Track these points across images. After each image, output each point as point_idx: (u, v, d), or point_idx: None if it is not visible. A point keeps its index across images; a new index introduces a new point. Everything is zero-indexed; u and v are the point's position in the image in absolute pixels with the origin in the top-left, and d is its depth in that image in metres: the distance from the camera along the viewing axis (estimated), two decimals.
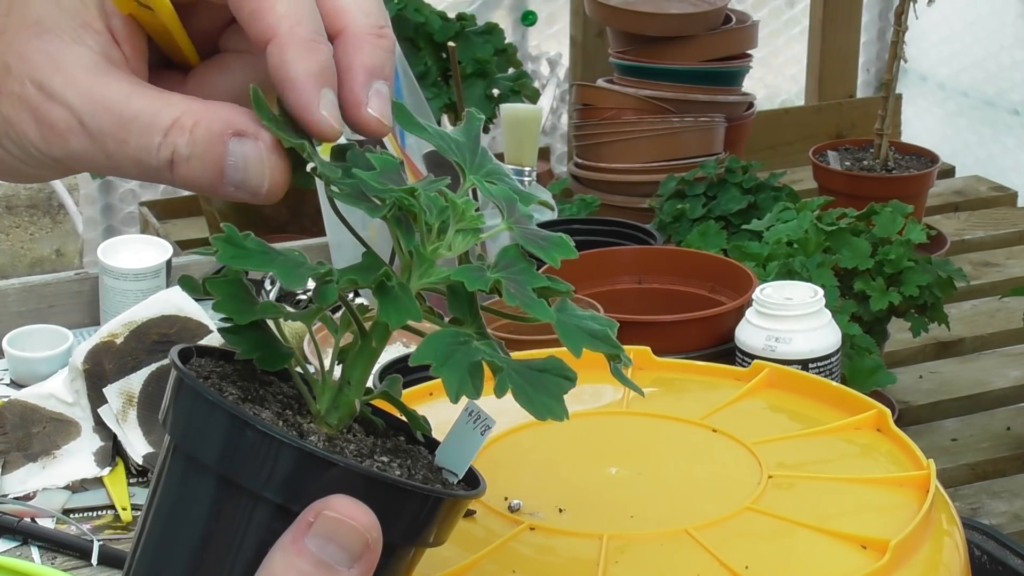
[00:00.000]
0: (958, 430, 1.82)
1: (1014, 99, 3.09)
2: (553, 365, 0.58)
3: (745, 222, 1.99)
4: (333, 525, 0.55)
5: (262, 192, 0.59)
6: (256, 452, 0.55)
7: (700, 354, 1.46)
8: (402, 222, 0.59)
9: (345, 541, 0.55)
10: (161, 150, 0.59)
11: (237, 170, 0.58)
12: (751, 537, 0.74)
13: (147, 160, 0.59)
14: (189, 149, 0.59)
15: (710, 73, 2.45)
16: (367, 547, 0.56)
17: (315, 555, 0.55)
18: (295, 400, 0.61)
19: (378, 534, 0.56)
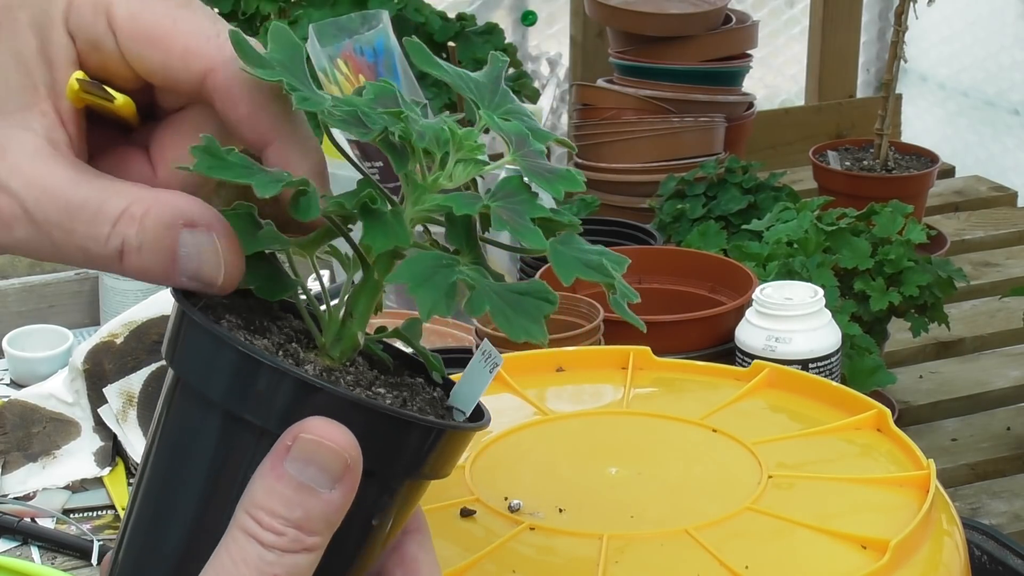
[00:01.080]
0: (958, 430, 1.81)
1: (1014, 99, 3.09)
2: (535, 288, 0.56)
3: (745, 222, 1.99)
4: (311, 447, 0.55)
5: (218, 283, 0.58)
6: (241, 375, 0.55)
7: (700, 354, 1.46)
8: (396, 147, 0.58)
9: (324, 463, 0.55)
10: (110, 240, 0.58)
11: (191, 260, 0.58)
12: (751, 537, 0.74)
13: (95, 250, 0.58)
14: (139, 239, 0.57)
15: (710, 73, 2.45)
16: (347, 467, 0.55)
17: (295, 479, 0.55)
18: (304, 335, 0.60)
19: (357, 454, 0.55)
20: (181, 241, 0.57)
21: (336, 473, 0.55)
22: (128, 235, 0.57)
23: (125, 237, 0.57)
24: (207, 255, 0.57)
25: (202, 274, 0.58)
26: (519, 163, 0.59)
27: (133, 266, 0.58)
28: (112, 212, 0.57)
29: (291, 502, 0.55)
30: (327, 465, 0.55)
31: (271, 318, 0.60)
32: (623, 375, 0.93)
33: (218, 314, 0.58)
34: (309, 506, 0.55)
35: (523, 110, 0.62)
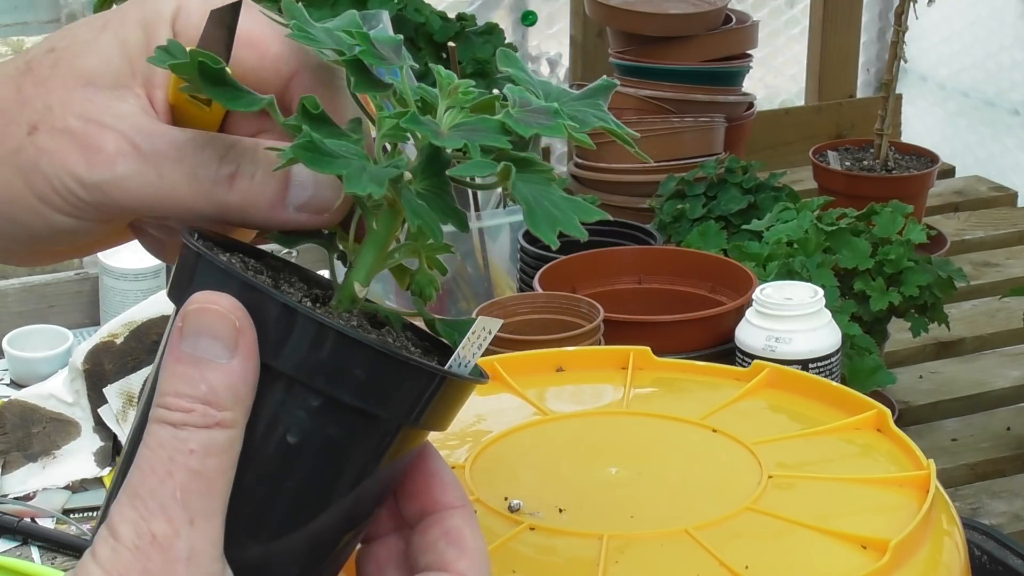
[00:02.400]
0: (958, 430, 1.81)
1: (1014, 99, 3.09)
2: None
3: (745, 222, 1.99)
4: (196, 317, 0.55)
5: (334, 207, 0.58)
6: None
7: (700, 354, 1.46)
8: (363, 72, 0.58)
9: (213, 329, 0.54)
10: (223, 165, 0.59)
11: (304, 188, 0.58)
12: (751, 537, 0.74)
13: (205, 174, 0.59)
14: (254, 165, 0.58)
15: (710, 73, 2.45)
16: (237, 331, 0.54)
17: (191, 355, 0.54)
18: (322, 296, 0.60)
19: (243, 314, 0.54)
20: (295, 171, 0.58)
21: (229, 339, 0.54)
22: (243, 161, 0.58)
23: (240, 162, 0.58)
24: (324, 181, 0.58)
25: (316, 201, 0.58)
26: (515, 115, 0.57)
27: (241, 193, 0.58)
28: (225, 143, 0.59)
29: (192, 379, 0.54)
30: (217, 332, 0.54)
31: (295, 279, 0.60)
32: (623, 375, 0.93)
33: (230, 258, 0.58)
34: (211, 379, 0.54)
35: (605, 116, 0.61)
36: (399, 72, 0.59)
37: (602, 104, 0.61)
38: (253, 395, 0.55)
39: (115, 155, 0.59)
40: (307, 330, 0.55)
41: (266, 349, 0.55)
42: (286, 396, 0.55)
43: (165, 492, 0.54)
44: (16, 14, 3.06)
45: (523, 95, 0.59)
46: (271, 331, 0.55)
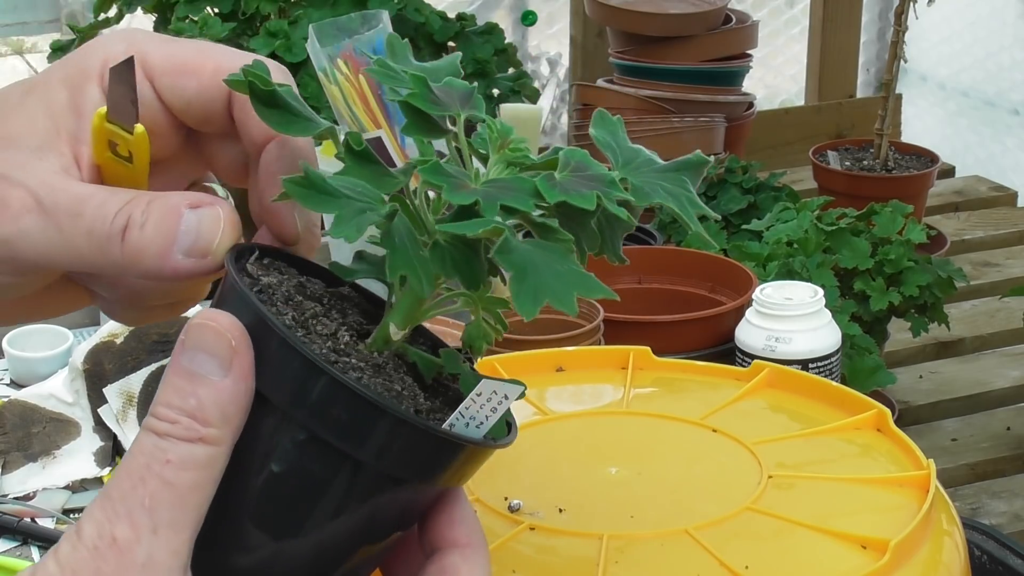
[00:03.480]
0: (958, 430, 1.82)
1: (1014, 99, 3.09)
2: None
3: (745, 222, 1.99)
4: (196, 332, 0.55)
5: (212, 247, 0.59)
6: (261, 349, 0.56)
7: (700, 354, 1.46)
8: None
9: (210, 346, 0.55)
10: (116, 219, 0.59)
11: (188, 234, 0.59)
12: (751, 537, 0.74)
13: (100, 228, 0.59)
14: (144, 216, 0.59)
15: (710, 73, 2.45)
16: (233, 351, 0.55)
17: (186, 368, 0.55)
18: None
19: (242, 335, 0.55)
20: (184, 219, 0.59)
21: (223, 356, 0.55)
22: (134, 213, 0.59)
23: (131, 215, 0.59)
24: (207, 223, 0.59)
25: (197, 246, 0.59)
26: (560, 179, 0.56)
27: (133, 244, 0.59)
28: (122, 198, 0.60)
29: (183, 391, 0.55)
30: (213, 349, 0.55)
31: (352, 311, 0.61)
32: (623, 375, 0.93)
33: (275, 296, 0.58)
34: (201, 394, 0.55)
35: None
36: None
37: (688, 182, 0.60)
38: (243, 416, 0.56)
39: (20, 210, 0.60)
40: (295, 363, 0.55)
41: (263, 378, 0.55)
42: (277, 425, 0.56)
43: (135, 498, 0.54)
44: (16, 14, 3.06)
45: (582, 159, 0.57)
46: (270, 361, 0.55)
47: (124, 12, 2.15)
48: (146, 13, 2.17)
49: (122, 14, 2.16)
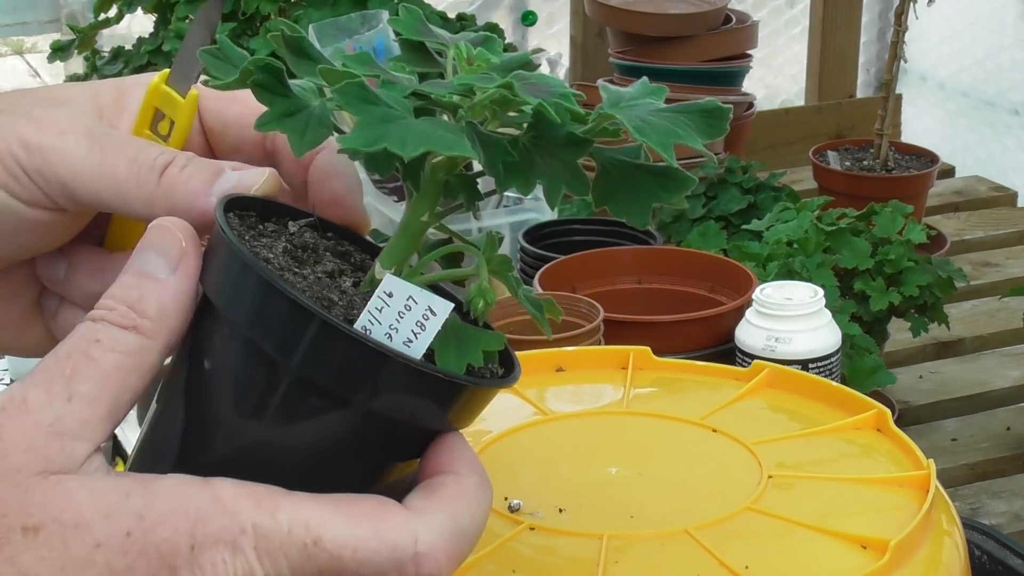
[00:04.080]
0: (958, 430, 1.81)
1: (1014, 99, 3.09)
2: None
3: (745, 222, 1.99)
4: (153, 233, 0.57)
5: (254, 187, 0.60)
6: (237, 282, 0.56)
7: (700, 354, 1.46)
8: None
9: (161, 246, 0.56)
10: (160, 157, 0.61)
11: (228, 180, 0.60)
12: (751, 537, 0.74)
13: (143, 159, 0.60)
14: (187, 161, 0.61)
15: (710, 73, 2.45)
16: (182, 251, 0.56)
17: (138, 268, 0.56)
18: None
19: (192, 238, 0.57)
20: (225, 172, 0.61)
21: (172, 257, 0.56)
22: (178, 158, 0.61)
23: (175, 157, 0.61)
24: (249, 175, 0.60)
25: (242, 181, 0.60)
26: (516, 81, 0.55)
27: (171, 179, 0.60)
28: (161, 149, 0.61)
29: (128, 286, 0.56)
30: (164, 249, 0.56)
31: (361, 254, 0.61)
32: (623, 375, 0.93)
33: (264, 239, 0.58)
34: (145, 289, 0.56)
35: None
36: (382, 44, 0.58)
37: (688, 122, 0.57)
38: (181, 316, 0.56)
39: (67, 128, 0.61)
40: (233, 265, 0.56)
41: (208, 283, 0.57)
42: (214, 326, 0.57)
43: (56, 369, 0.55)
44: (16, 14, 3.06)
45: (549, 79, 0.57)
46: (216, 268, 0.57)
47: (124, 12, 2.15)
48: (146, 13, 2.17)
49: (122, 14, 2.16)
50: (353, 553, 0.54)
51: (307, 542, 0.53)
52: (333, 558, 0.54)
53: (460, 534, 0.55)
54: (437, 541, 0.54)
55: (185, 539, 0.52)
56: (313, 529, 0.54)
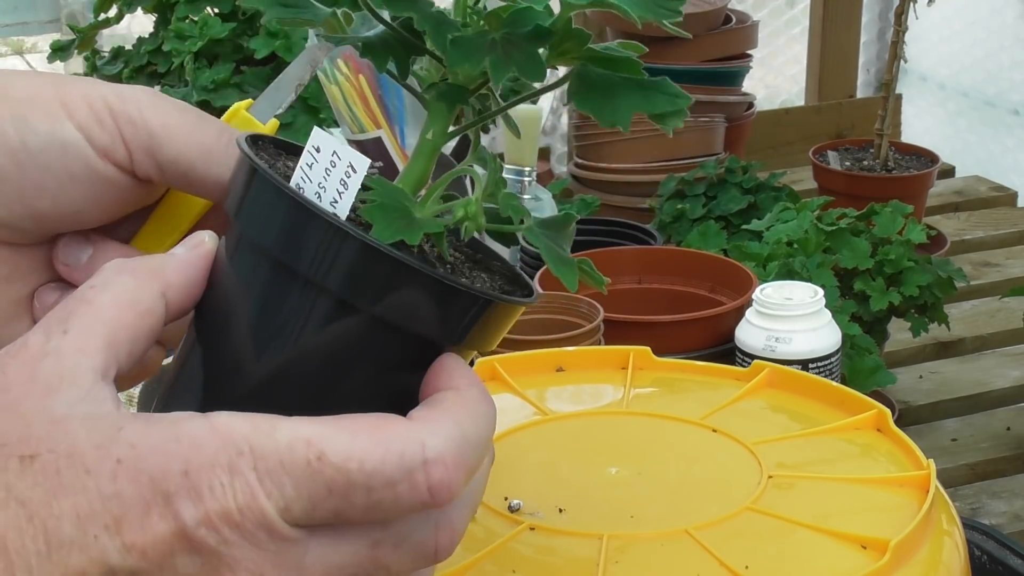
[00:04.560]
0: (958, 430, 1.81)
1: (1014, 99, 3.09)
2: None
3: (745, 222, 1.99)
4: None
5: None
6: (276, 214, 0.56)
7: (700, 354, 1.45)
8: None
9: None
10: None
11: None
12: (751, 537, 0.74)
13: (231, 132, 0.63)
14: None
15: (710, 73, 2.45)
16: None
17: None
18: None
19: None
20: None
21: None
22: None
23: None
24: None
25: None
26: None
27: None
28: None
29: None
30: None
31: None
32: (623, 375, 0.93)
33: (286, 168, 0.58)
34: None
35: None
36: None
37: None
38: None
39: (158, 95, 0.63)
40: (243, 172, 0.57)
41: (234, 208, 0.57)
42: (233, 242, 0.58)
43: (53, 316, 0.55)
44: (16, 14, 3.06)
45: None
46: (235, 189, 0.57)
47: (124, 12, 2.15)
48: (146, 13, 2.17)
49: (122, 14, 2.16)
50: (360, 465, 0.52)
51: (310, 458, 0.51)
52: (339, 471, 0.52)
53: (466, 442, 0.54)
54: (444, 447, 0.53)
55: (178, 464, 0.51)
56: (315, 445, 0.52)
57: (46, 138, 0.61)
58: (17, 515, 0.51)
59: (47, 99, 0.62)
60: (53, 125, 0.61)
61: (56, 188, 0.62)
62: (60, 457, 0.51)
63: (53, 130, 0.61)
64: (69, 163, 0.61)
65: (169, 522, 0.51)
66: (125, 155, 0.62)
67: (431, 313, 0.56)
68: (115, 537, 0.50)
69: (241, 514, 0.51)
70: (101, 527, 0.50)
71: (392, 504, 0.52)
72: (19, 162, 0.61)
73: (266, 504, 0.51)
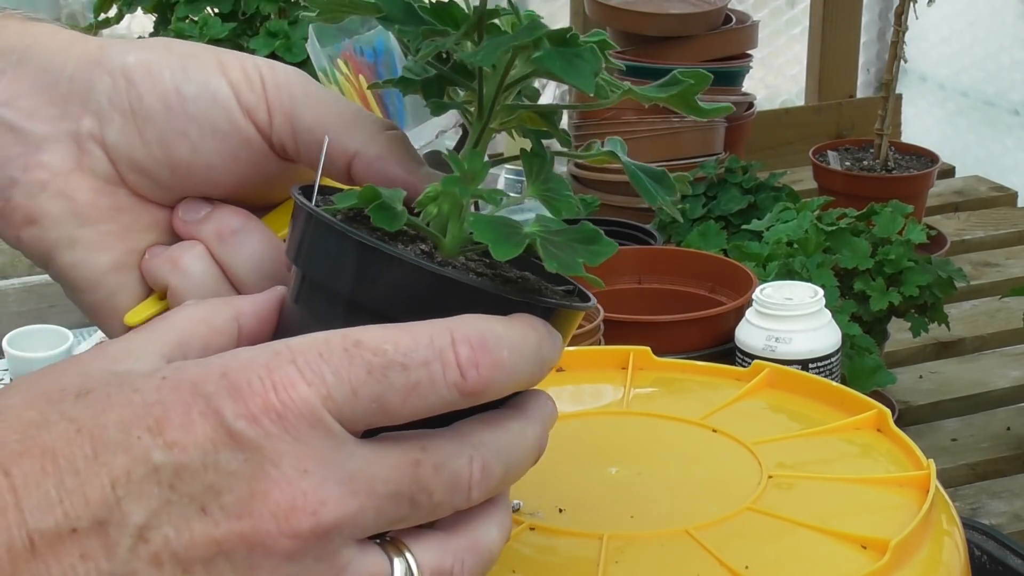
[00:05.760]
0: (958, 430, 1.81)
1: (1014, 99, 3.09)
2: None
3: (745, 222, 1.99)
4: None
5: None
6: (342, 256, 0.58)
7: (700, 354, 1.46)
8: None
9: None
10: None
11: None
12: (751, 537, 0.74)
13: (370, 113, 0.66)
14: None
15: (710, 73, 2.45)
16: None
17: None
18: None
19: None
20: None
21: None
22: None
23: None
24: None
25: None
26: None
27: (398, 135, 0.66)
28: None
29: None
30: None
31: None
32: (623, 375, 0.93)
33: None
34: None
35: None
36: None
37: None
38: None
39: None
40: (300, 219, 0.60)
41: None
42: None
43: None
44: None
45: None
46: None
47: (124, 12, 2.15)
48: (146, 13, 2.17)
49: (122, 14, 2.16)
50: (395, 346, 0.53)
51: (346, 346, 0.53)
52: (376, 352, 0.53)
53: (495, 335, 0.56)
54: (471, 332, 0.55)
55: (217, 370, 0.53)
56: (351, 336, 0.53)
57: (199, 88, 0.65)
58: (67, 429, 0.52)
59: (206, 56, 0.66)
60: (208, 78, 0.65)
61: (197, 137, 0.65)
62: (112, 387, 0.53)
63: (208, 82, 0.65)
64: (215, 116, 0.65)
65: (210, 418, 0.52)
66: (266, 117, 0.65)
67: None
68: (157, 437, 0.51)
69: (283, 405, 0.52)
70: (144, 429, 0.52)
71: (429, 386, 0.54)
72: (169, 106, 0.65)
73: (307, 392, 0.52)
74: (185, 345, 0.58)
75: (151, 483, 0.51)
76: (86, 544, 0.51)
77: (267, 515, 0.51)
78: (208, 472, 0.51)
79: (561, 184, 0.62)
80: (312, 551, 0.52)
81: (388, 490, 0.53)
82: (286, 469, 0.52)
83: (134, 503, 0.51)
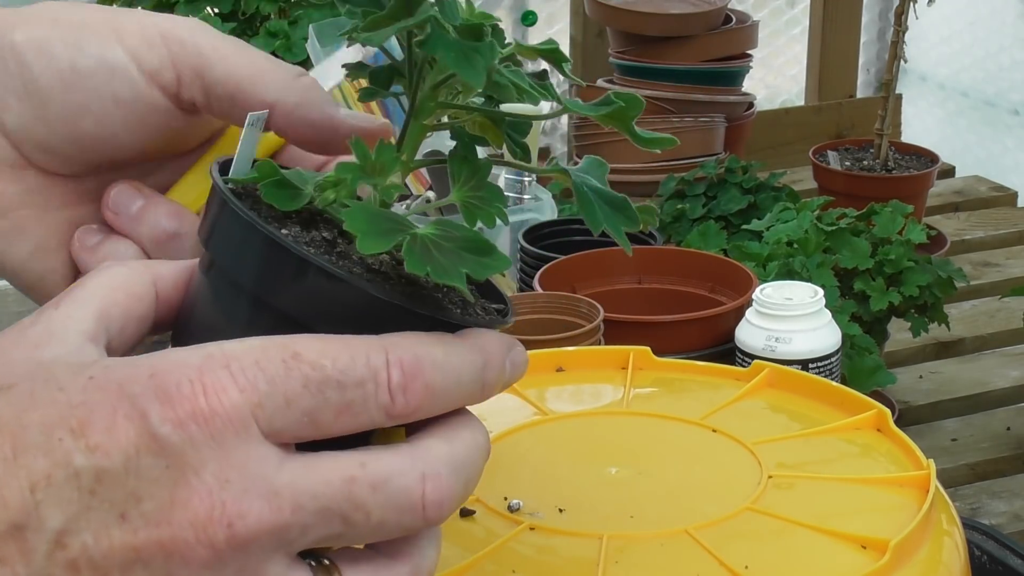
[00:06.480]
0: (958, 430, 1.81)
1: (1014, 99, 3.09)
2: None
3: (745, 222, 1.99)
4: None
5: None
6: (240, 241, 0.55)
7: (700, 354, 1.45)
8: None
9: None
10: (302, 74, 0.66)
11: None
12: (751, 537, 0.74)
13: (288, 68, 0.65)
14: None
15: (710, 73, 2.45)
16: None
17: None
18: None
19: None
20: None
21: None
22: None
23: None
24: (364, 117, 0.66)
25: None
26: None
27: (310, 80, 0.64)
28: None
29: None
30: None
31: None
32: (623, 375, 0.93)
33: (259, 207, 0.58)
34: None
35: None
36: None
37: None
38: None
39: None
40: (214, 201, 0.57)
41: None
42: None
43: (49, 302, 0.56)
44: None
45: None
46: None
47: None
48: None
49: None
50: (333, 363, 0.51)
51: (285, 357, 0.51)
52: (315, 367, 0.51)
53: (431, 359, 0.53)
54: (405, 355, 0.52)
55: (145, 371, 0.51)
56: (289, 345, 0.51)
57: (95, 61, 0.62)
58: None
59: (98, 24, 0.63)
60: (103, 49, 0.62)
61: (100, 111, 0.63)
62: (36, 383, 0.51)
63: (103, 53, 0.62)
64: (116, 86, 0.62)
65: (135, 422, 0.50)
66: (172, 78, 0.63)
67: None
68: (79, 439, 0.49)
69: (211, 410, 0.50)
70: (66, 431, 0.50)
71: (361, 405, 0.52)
72: (67, 83, 0.62)
73: (238, 398, 0.50)
74: (105, 316, 0.55)
75: (71, 488, 0.49)
76: (3, 549, 0.49)
77: (185, 523, 0.50)
78: (130, 477, 0.49)
79: (493, 195, 0.58)
80: (232, 563, 0.50)
81: (316, 506, 0.51)
82: (207, 478, 0.50)
83: (53, 508, 0.49)
